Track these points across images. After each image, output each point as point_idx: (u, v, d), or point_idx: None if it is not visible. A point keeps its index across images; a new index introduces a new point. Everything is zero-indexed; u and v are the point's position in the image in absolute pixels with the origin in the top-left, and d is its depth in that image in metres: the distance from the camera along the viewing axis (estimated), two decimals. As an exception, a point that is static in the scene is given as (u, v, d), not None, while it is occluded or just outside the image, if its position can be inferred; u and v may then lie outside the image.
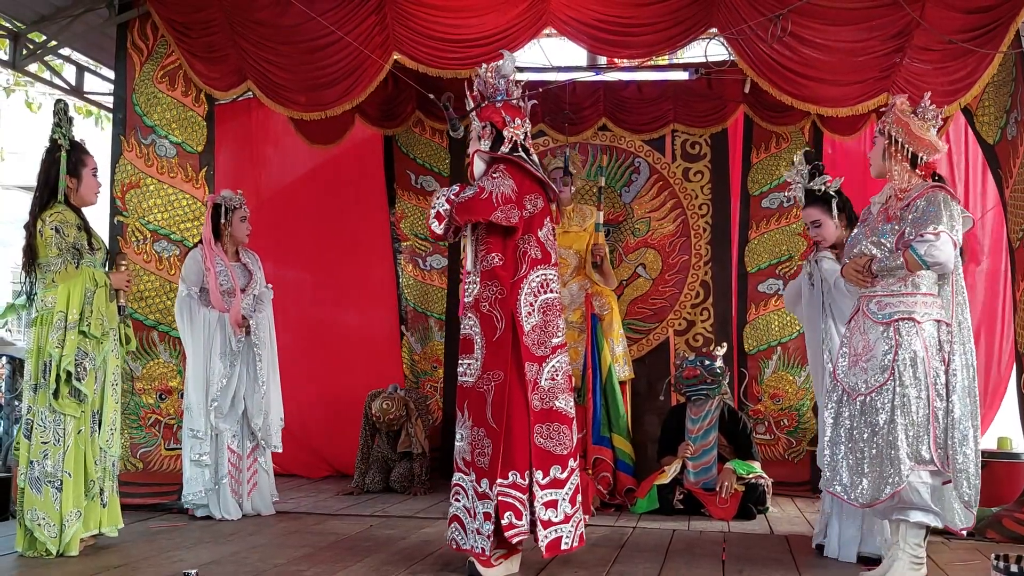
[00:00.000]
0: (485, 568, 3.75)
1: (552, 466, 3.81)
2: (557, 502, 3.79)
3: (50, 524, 4.16)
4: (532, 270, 3.89)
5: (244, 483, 5.34)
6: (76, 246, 4.28)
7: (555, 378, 3.88)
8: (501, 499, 3.72)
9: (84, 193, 4.44)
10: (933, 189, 3.68)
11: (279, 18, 5.60)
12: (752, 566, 4.11)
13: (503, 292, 3.85)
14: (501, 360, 3.81)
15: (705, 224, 7.10)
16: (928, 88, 4.87)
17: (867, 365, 3.70)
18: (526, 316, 3.84)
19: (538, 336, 3.86)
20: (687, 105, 7.09)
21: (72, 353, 4.18)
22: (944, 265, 3.59)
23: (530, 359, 3.83)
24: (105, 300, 4.33)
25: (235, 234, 5.43)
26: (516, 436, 3.77)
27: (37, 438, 4.21)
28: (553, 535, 3.77)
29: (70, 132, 4.40)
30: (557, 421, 3.85)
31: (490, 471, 3.76)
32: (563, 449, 3.84)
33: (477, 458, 3.82)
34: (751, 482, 5.58)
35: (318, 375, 7.08)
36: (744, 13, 5.23)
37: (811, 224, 4.50)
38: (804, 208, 4.53)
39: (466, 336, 3.98)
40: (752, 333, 6.92)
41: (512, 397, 3.79)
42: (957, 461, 3.54)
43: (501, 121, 3.98)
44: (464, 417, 3.93)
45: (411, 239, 7.46)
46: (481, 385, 3.84)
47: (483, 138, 4.00)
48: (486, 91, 4.04)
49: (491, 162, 3.99)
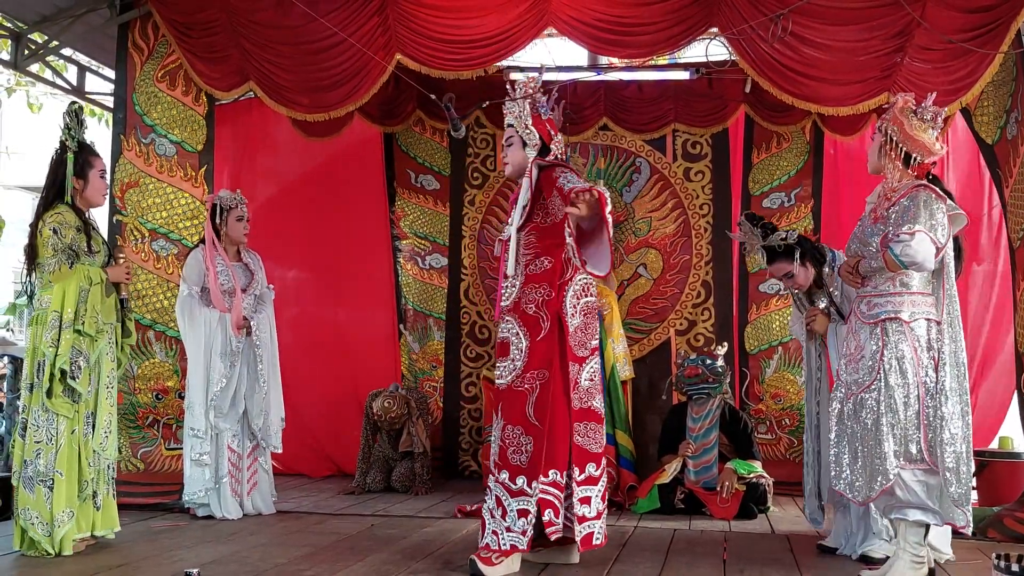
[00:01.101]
0: (486, 567, 3.77)
1: (588, 463, 3.91)
2: (591, 498, 3.90)
3: (43, 523, 4.16)
4: (577, 273, 3.98)
5: (244, 483, 5.34)
6: (73, 247, 4.27)
7: (593, 379, 3.98)
8: (542, 496, 3.78)
9: (90, 195, 4.44)
10: (917, 188, 3.67)
11: (281, 19, 5.61)
12: (753, 566, 4.11)
13: (550, 294, 3.91)
14: (546, 360, 3.88)
15: (706, 224, 7.11)
16: (929, 87, 4.87)
17: (858, 364, 3.73)
18: (571, 317, 3.91)
19: (580, 337, 3.94)
20: (688, 105, 7.10)
21: (67, 352, 4.17)
22: (921, 264, 3.59)
23: (573, 359, 3.90)
24: (100, 297, 4.32)
25: (231, 234, 5.42)
26: (558, 435, 3.84)
27: (31, 437, 4.21)
28: (587, 530, 3.86)
29: (79, 134, 4.41)
30: (594, 420, 3.96)
31: (529, 469, 3.81)
32: (597, 447, 3.96)
33: (511, 455, 3.86)
34: (752, 481, 5.59)
35: (318, 374, 7.08)
36: (745, 13, 5.23)
37: (783, 278, 4.56)
38: (770, 266, 4.59)
39: (503, 339, 4.02)
40: (753, 333, 6.92)
41: (555, 396, 3.85)
42: (947, 460, 3.55)
43: (548, 135, 4.12)
44: (497, 418, 3.98)
45: (411, 238, 7.47)
46: (521, 384, 3.89)
47: (530, 146, 4.09)
48: (535, 102, 4.12)
49: (542, 169, 4.04)
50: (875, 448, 3.62)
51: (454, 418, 7.28)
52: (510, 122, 4.15)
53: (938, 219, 3.61)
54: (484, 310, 7.33)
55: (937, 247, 3.59)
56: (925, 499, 3.62)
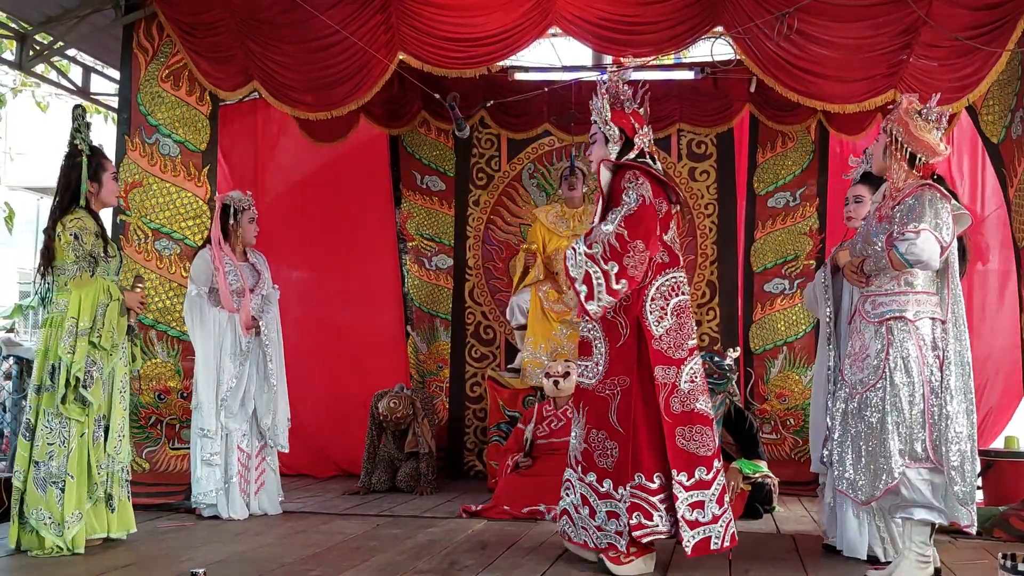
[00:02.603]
0: (614, 565, 3.79)
1: (696, 468, 3.81)
2: (704, 503, 3.81)
3: (55, 524, 4.19)
4: (660, 274, 3.92)
5: (252, 482, 5.35)
6: (93, 253, 4.34)
7: (694, 380, 3.89)
8: (632, 500, 3.77)
9: (104, 197, 4.53)
10: (922, 188, 3.67)
11: (284, 17, 5.60)
12: (758, 565, 4.10)
13: (628, 299, 3.86)
14: (626, 366, 3.84)
15: (711, 224, 7.10)
16: (935, 84, 4.86)
17: (863, 364, 3.73)
18: (656, 322, 3.85)
19: (673, 339, 3.87)
20: (693, 104, 7.08)
21: (82, 360, 4.22)
22: (926, 263, 3.59)
23: (665, 363, 3.83)
24: (117, 314, 4.37)
25: (244, 235, 5.45)
26: (645, 440, 3.81)
27: (43, 439, 4.24)
28: (700, 536, 3.79)
29: (88, 137, 4.45)
30: (699, 423, 3.86)
31: (615, 473, 3.82)
32: (706, 451, 3.85)
33: (598, 459, 3.87)
34: (757, 481, 5.57)
35: (324, 375, 7.09)
36: (750, 11, 5.22)
37: (853, 199, 4.44)
38: (855, 184, 4.50)
39: (585, 339, 4.01)
40: (758, 333, 6.90)
41: (639, 402, 3.82)
42: (951, 458, 3.54)
43: (631, 128, 4.02)
44: (579, 416, 3.99)
45: (417, 239, 7.47)
46: (603, 390, 3.88)
47: (611, 142, 4.02)
48: (617, 96, 4.06)
49: (616, 170, 4.00)
50: (879, 447, 3.62)
51: (459, 418, 7.28)
52: (593, 118, 4.11)
53: (943, 218, 3.61)
54: (489, 311, 7.33)
55: (942, 246, 3.59)
56: (931, 498, 3.61)
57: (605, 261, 3.80)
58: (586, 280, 3.81)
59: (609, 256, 3.79)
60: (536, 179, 7.37)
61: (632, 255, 3.79)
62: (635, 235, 3.81)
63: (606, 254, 3.80)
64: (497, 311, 7.28)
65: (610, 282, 3.77)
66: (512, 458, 5.72)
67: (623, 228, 3.81)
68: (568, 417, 5.74)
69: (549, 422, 5.78)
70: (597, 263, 3.80)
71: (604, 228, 3.84)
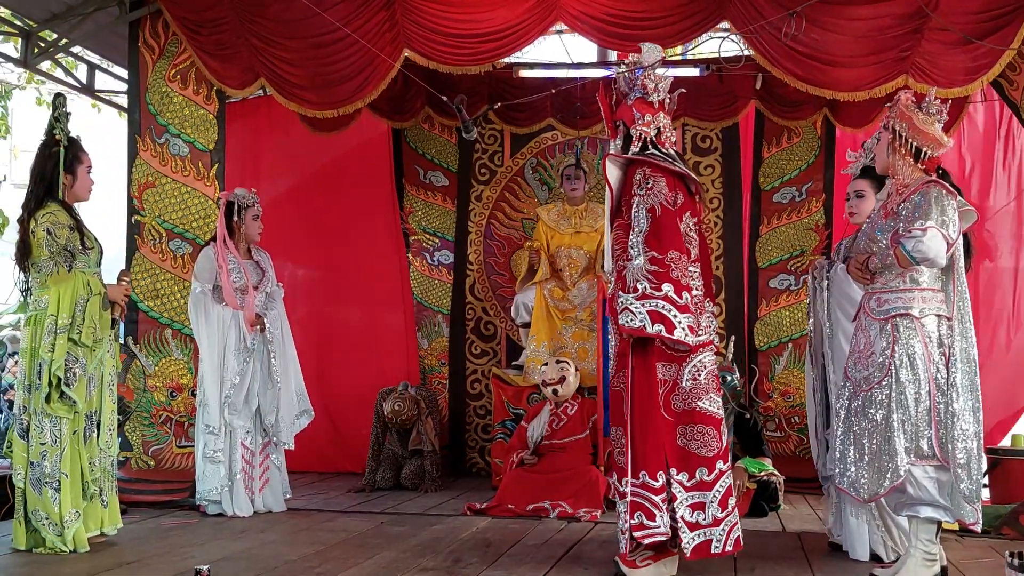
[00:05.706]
0: (628, 568, 3.69)
1: (697, 468, 3.70)
2: (704, 504, 3.69)
3: (53, 524, 4.18)
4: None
5: (256, 479, 5.35)
6: (68, 248, 4.26)
7: (697, 378, 3.74)
8: (632, 499, 3.69)
9: (78, 190, 4.44)
10: (928, 184, 3.65)
11: (286, 13, 5.58)
12: (764, 563, 4.09)
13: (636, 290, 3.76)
14: (632, 361, 3.77)
15: (716, 219, 7.08)
16: (948, 68, 4.76)
17: (868, 361, 3.70)
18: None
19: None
20: (698, 99, 7.03)
21: (62, 358, 4.17)
22: (933, 260, 3.57)
23: (666, 360, 3.73)
24: (99, 309, 4.32)
25: (248, 232, 5.45)
26: (648, 436, 3.72)
27: (36, 439, 4.21)
28: (700, 538, 3.68)
29: (67, 128, 4.38)
30: (701, 422, 3.72)
31: (622, 470, 3.76)
32: (709, 451, 3.72)
33: (617, 457, 3.82)
34: (763, 479, 5.56)
35: (329, 372, 7.08)
36: (756, 4, 5.18)
37: (855, 194, 4.39)
38: (855, 179, 4.46)
39: (610, 336, 3.98)
40: (763, 329, 6.88)
41: (642, 398, 3.73)
42: (958, 456, 3.53)
43: (631, 118, 3.84)
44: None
45: (419, 234, 7.45)
46: (617, 384, 3.84)
47: (613, 139, 3.90)
48: (624, 89, 3.92)
49: (625, 165, 3.88)
50: (884, 444, 3.59)
51: (460, 415, 7.26)
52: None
53: (949, 215, 3.59)
54: (490, 306, 7.32)
55: (948, 243, 3.57)
56: (937, 496, 3.60)
57: (657, 289, 3.65)
58: (656, 319, 3.63)
59: (658, 280, 3.66)
60: (539, 174, 7.36)
61: (675, 268, 3.67)
62: (664, 248, 3.68)
63: (654, 281, 3.66)
64: (498, 307, 7.27)
65: (674, 301, 3.64)
66: (517, 455, 5.71)
67: (651, 251, 3.69)
68: (570, 416, 5.73)
69: (552, 421, 5.76)
70: (652, 297, 3.65)
71: (635, 264, 3.69)
